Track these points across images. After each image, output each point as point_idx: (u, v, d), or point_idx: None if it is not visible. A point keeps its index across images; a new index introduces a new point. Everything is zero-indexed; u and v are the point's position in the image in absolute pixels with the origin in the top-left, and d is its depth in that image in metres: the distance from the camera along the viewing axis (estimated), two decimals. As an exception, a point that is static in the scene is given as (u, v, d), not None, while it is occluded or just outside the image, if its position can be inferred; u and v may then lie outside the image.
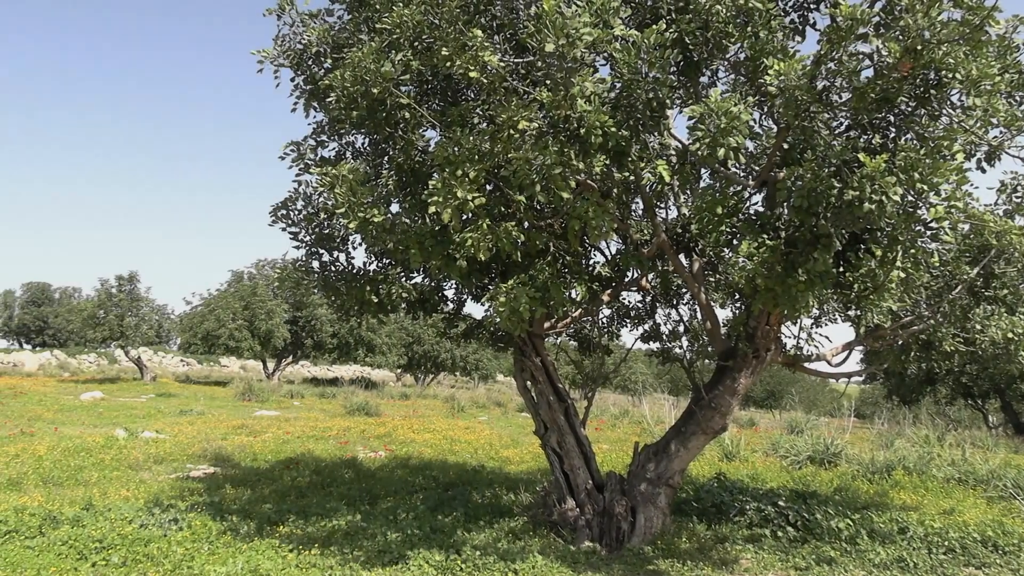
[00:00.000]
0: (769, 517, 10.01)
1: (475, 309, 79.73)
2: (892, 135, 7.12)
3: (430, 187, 6.78)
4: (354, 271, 9.33)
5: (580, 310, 10.01)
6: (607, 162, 6.91)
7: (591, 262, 10.02)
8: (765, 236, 6.93)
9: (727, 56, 7.54)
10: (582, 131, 6.50)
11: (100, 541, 8.53)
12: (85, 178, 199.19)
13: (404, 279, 9.21)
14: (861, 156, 6.01)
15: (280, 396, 35.84)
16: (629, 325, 11.73)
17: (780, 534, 9.54)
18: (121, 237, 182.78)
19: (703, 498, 11.02)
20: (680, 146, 8.01)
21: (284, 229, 9.04)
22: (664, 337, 11.29)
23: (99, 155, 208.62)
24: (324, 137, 9.09)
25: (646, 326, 11.49)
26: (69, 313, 69.85)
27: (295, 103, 8.64)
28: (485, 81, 6.81)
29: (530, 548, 8.69)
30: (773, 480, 13.80)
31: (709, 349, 10.09)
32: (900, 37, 6.06)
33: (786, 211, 7.16)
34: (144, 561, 8.02)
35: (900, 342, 9.57)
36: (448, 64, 6.77)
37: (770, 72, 6.39)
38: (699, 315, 10.24)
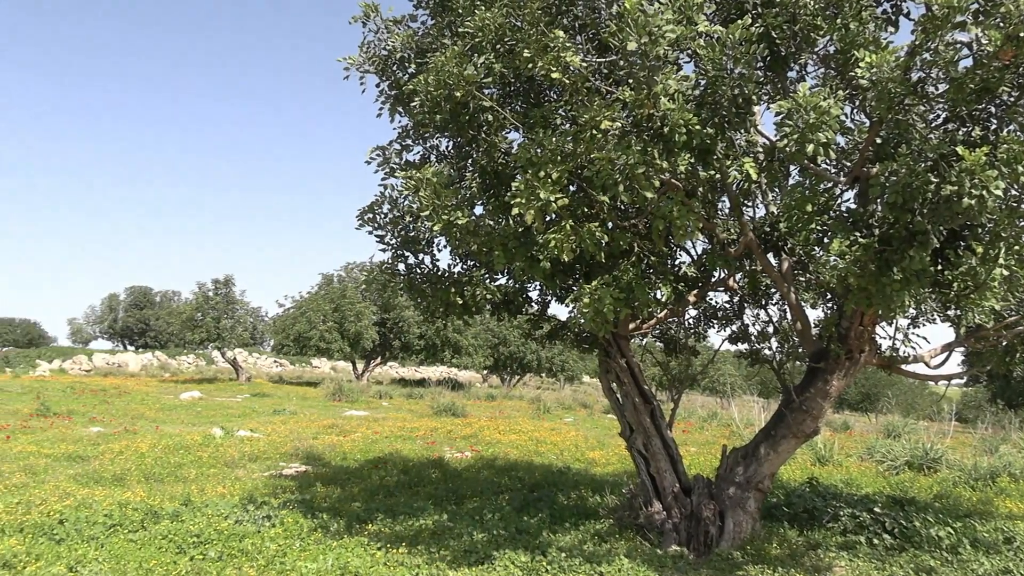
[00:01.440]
0: (864, 524, 9.70)
1: (559, 310, 79.72)
2: (993, 127, 6.82)
3: (513, 189, 6.79)
4: (439, 273, 9.43)
5: (665, 311, 9.89)
6: (692, 160, 6.80)
7: (676, 262, 9.91)
8: (858, 234, 6.72)
9: (816, 49, 7.35)
10: (666, 129, 6.42)
11: (198, 536, 8.84)
12: (183, 184, 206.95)
13: (488, 281, 9.26)
14: (959, 149, 5.76)
15: (369, 397, 36.50)
16: (716, 326, 11.54)
17: (876, 541, 9.24)
18: (216, 241, 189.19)
19: (794, 503, 10.75)
20: (768, 143, 7.83)
21: (371, 232, 9.19)
22: (753, 338, 11.06)
23: (194, 161, 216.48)
24: (409, 141, 9.21)
25: (734, 327, 11.28)
26: (169, 316, 72.71)
27: (380, 108, 8.78)
28: (567, 82, 6.80)
29: (616, 551, 8.63)
30: (868, 485, 13.37)
31: (800, 350, 9.84)
32: (1001, 24, 5.79)
33: (880, 208, 6.93)
34: (239, 556, 8.27)
35: (1004, 343, 9.14)
36: (530, 66, 6.78)
37: (861, 64, 6.19)
38: (789, 316, 10.00)
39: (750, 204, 9.40)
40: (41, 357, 60.34)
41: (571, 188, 7.68)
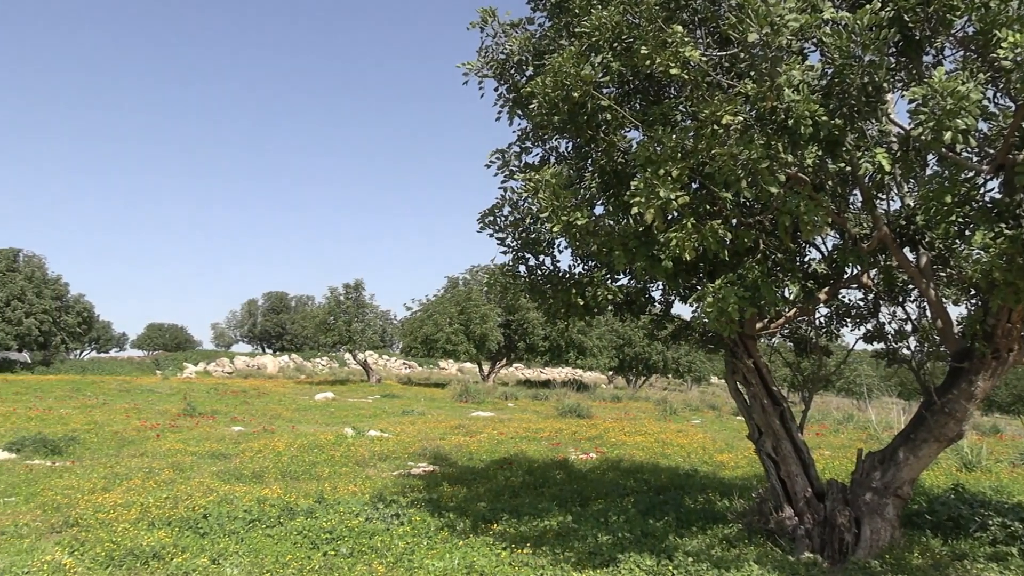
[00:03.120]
0: (1017, 534, 9.10)
1: (683, 310, 78.36)
2: None
3: (632, 188, 6.72)
4: (560, 274, 9.42)
5: (795, 310, 9.56)
6: (819, 153, 6.55)
7: (805, 259, 9.56)
8: (1003, 225, 6.30)
9: (953, 31, 6.94)
10: (790, 122, 6.21)
11: (330, 532, 9.15)
12: (312, 187, 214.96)
13: (609, 281, 9.19)
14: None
15: (495, 398, 36.91)
16: (850, 324, 11.06)
17: (1029, 553, 8.64)
18: (347, 246, 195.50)
19: (938, 511, 10.18)
20: (901, 132, 7.46)
21: (492, 235, 9.28)
22: (890, 337, 10.55)
23: (326, 166, 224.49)
24: (528, 143, 9.25)
25: (869, 325, 10.78)
26: (304, 320, 75.68)
27: (499, 112, 8.85)
28: (686, 77, 6.68)
29: (745, 556, 8.41)
30: (1021, 493, 12.53)
31: (941, 349, 9.32)
32: None
33: (1027, 197, 6.48)
34: (369, 553, 8.50)
35: None
36: (648, 63, 6.69)
37: (1004, 45, 5.80)
38: (928, 313, 9.49)
39: (884, 197, 8.96)
40: (188, 360, 63.92)
41: (692, 185, 7.53)
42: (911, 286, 10.01)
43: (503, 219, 9.22)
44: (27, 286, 49.04)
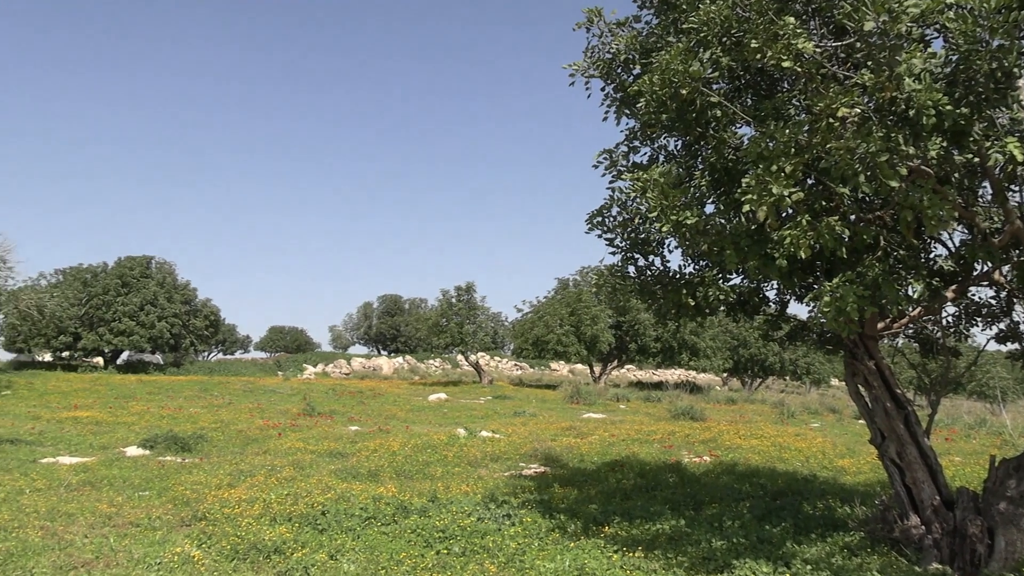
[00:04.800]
0: None
1: (800, 310, 76.08)
2: None
3: (743, 185, 6.55)
4: (670, 274, 9.29)
5: (919, 309, 9.13)
6: (944, 144, 6.23)
7: (931, 255, 9.12)
8: None
9: (1092, 10, 6.49)
10: (911, 112, 5.93)
11: (443, 531, 9.29)
12: (425, 195, 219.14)
13: (721, 281, 8.99)
14: None
15: (606, 399, 36.71)
16: (981, 324, 10.49)
17: None
18: (458, 249, 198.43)
19: (1081, 522, 9.53)
20: (1035, 119, 7.02)
21: (600, 236, 9.22)
22: (1025, 337, 9.96)
23: (437, 171, 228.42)
24: (636, 143, 9.15)
25: (1001, 325, 10.19)
26: (417, 322, 77.30)
27: (606, 111, 8.80)
28: (799, 70, 6.47)
29: (868, 566, 8.08)
30: None
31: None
32: None
33: None
34: (481, 553, 8.59)
35: None
36: (759, 56, 6.51)
37: None
38: (1068, 311, 8.91)
39: (1016, 188, 8.47)
40: (307, 361, 66.13)
41: (807, 181, 7.30)
42: (1048, 283, 9.42)
43: (612, 220, 9.14)
44: (159, 291, 51.72)
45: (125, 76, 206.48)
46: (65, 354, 51.75)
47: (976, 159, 6.79)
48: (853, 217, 7.39)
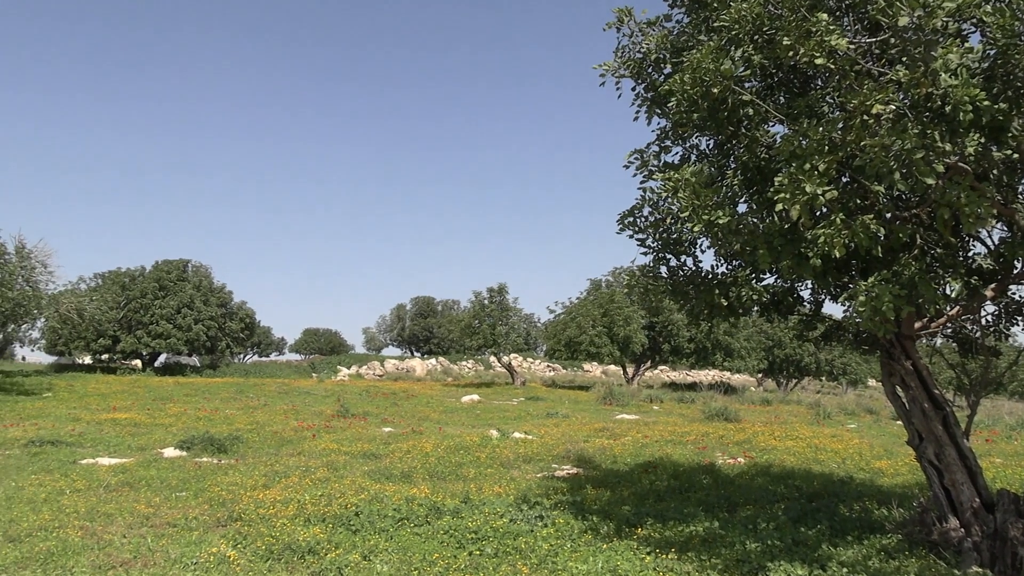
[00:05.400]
0: None
1: (835, 309, 75.19)
2: None
3: (776, 184, 6.49)
4: (702, 274, 9.22)
5: (957, 308, 8.99)
6: (981, 140, 6.13)
7: (969, 254, 8.97)
8: None
9: None
10: (947, 108, 5.84)
11: (475, 532, 9.30)
12: (457, 197, 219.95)
13: (754, 281, 8.91)
14: None
15: (639, 400, 36.55)
16: (1022, 323, 10.30)
17: None
18: (491, 251, 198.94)
19: None
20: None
21: (632, 236, 9.17)
22: (1067, 336, 9.76)
23: (470, 172, 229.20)
24: (667, 142, 9.10)
25: (1044, 324, 10.01)
26: (450, 323, 77.50)
27: (637, 111, 8.76)
28: (833, 67, 6.40)
29: (906, 569, 7.97)
30: None
31: None
32: None
33: None
34: (513, 554, 8.59)
35: None
36: (791, 54, 6.46)
37: None
38: (1112, 310, 8.71)
39: (1058, 185, 8.31)
40: (341, 363, 66.57)
41: (841, 179, 7.21)
42: (1092, 281, 9.23)
43: (643, 220, 9.10)
44: (195, 294, 52.38)
45: (163, 80, 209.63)
46: (104, 357, 52.58)
47: (1015, 155, 6.66)
48: (888, 215, 7.29)
